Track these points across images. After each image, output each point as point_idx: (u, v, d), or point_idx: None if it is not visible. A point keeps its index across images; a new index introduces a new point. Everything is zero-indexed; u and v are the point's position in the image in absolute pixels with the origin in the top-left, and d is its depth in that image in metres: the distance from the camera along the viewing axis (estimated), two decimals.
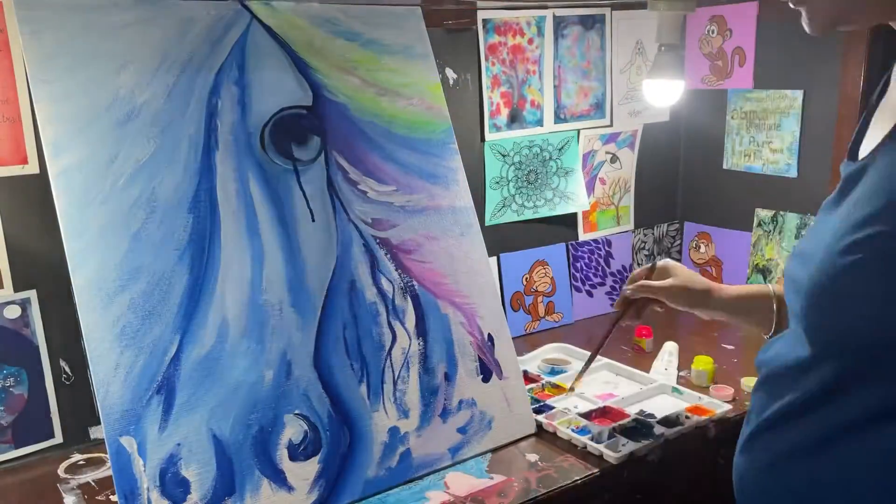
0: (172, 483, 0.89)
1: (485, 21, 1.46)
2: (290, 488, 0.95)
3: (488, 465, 1.07)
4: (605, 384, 1.33)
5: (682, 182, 1.84)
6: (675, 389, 1.28)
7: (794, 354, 0.68)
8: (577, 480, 1.03)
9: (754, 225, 1.68)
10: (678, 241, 1.86)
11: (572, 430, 1.13)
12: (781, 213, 1.62)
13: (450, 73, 1.44)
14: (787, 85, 1.57)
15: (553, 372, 1.37)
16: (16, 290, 1.09)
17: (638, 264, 1.78)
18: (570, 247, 1.68)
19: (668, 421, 1.15)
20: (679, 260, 1.85)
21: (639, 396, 1.26)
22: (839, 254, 0.62)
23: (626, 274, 1.76)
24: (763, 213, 1.66)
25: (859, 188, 0.66)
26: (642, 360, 1.43)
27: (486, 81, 1.48)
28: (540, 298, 1.62)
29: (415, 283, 1.12)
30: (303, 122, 1.09)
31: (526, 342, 1.52)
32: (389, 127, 1.16)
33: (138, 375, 0.90)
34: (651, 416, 1.17)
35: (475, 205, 1.23)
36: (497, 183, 1.53)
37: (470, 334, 1.15)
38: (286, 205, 1.04)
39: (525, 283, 1.60)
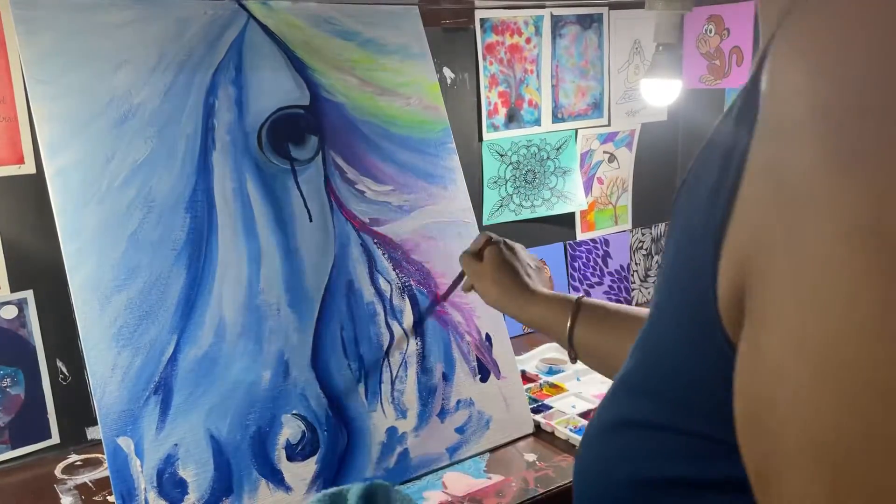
0: (170, 483, 0.89)
1: (482, 20, 1.45)
2: (287, 488, 0.95)
3: (486, 465, 1.07)
4: (603, 384, 1.33)
5: (680, 182, 1.83)
6: None
7: None
8: None
9: None
10: None
11: (570, 430, 1.13)
12: None
13: (447, 73, 1.44)
14: None
15: (551, 371, 1.37)
16: (12, 290, 1.09)
17: (636, 264, 1.78)
18: (567, 246, 1.68)
19: None
20: None
21: None
22: None
23: (624, 273, 1.77)
24: None
25: None
26: None
27: (483, 81, 1.48)
28: None
29: (412, 283, 1.12)
30: (300, 121, 1.08)
31: (524, 342, 1.52)
32: (387, 127, 1.16)
33: (135, 376, 0.90)
34: None
35: (473, 204, 1.23)
36: (495, 182, 1.53)
37: (468, 334, 1.15)
38: (283, 204, 1.04)
39: None
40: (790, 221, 0.29)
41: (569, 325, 0.86)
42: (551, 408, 1.20)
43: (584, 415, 1.18)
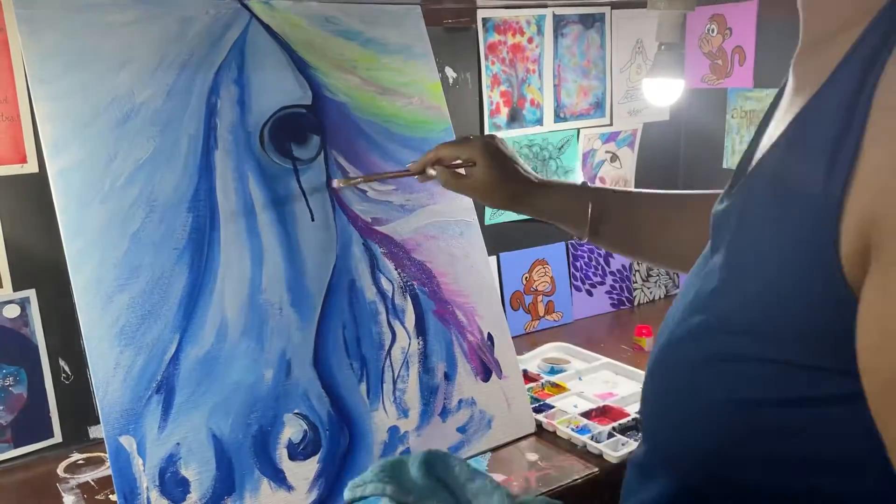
0: (172, 482, 0.89)
1: (484, 20, 1.45)
2: (289, 487, 0.95)
3: (488, 465, 1.07)
4: (605, 383, 1.33)
5: (682, 181, 1.83)
6: None
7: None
8: (577, 479, 1.03)
9: None
10: None
11: (572, 430, 1.13)
12: None
13: (449, 72, 1.44)
14: None
15: (553, 371, 1.37)
16: (15, 289, 1.09)
17: (638, 264, 1.78)
18: (569, 246, 1.68)
19: None
20: None
21: (639, 395, 1.26)
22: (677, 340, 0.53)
23: (626, 273, 1.76)
24: None
25: (727, 237, 0.52)
26: (642, 358, 1.43)
27: (485, 80, 1.48)
28: (539, 298, 1.62)
29: (414, 282, 1.12)
30: (302, 121, 1.08)
31: (526, 341, 1.52)
32: (389, 126, 1.16)
33: (138, 375, 0.90)
34: None
35: (475, 204, 1.23)
36: None
37: (470, 334, 1.15)
38: (286, 204, 1.04)
39: (525, 282, 1.60)
40: None
41: (590, 212, 0.91)
42: (553, 407, 1.20)
43: (585, 414, 1.18)
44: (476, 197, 0.97)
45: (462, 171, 0.97)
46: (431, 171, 0.98)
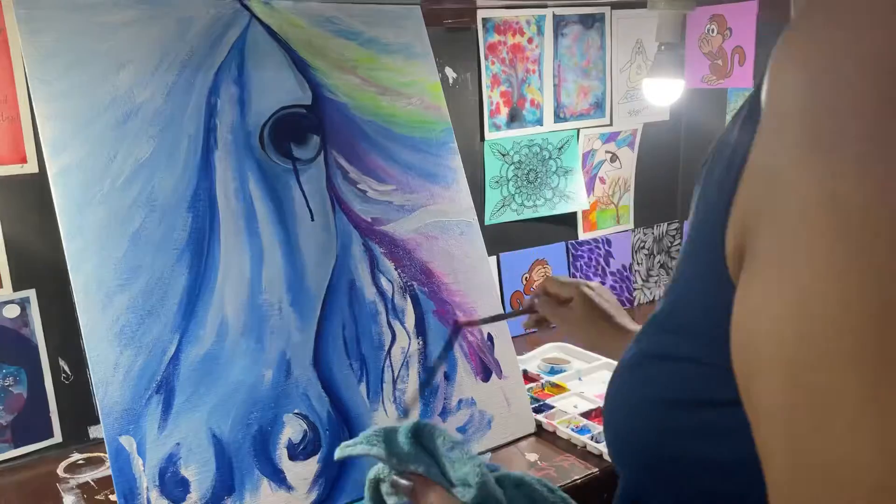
0: (172, 482, 0.89)
1: (484, 20, 1.45)
2: (289, 488, 0.95)
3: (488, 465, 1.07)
4: (605, 383, 1.33)
5: (682, 181, 1.84)
6: None
7: None
8: (577, 480, 1.03)
9: None
10: (678, 241, 1.86)
11: (572, 430, 1.13)
12: None
13: (449, 73, 1.44)
14: None
15: (553, 371, 1.37)
16: (15, 289, 1.09)
17: (638, 263, 1.78)
18: (569, 246, 1.68)
19: None
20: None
21: None
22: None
23: (626, 273, 1.76)
24: None
25: None
26: None
27: (485, 80, 1.48)
28: None
29: (414, 282, 1.12)
30: (302, 121, 1.08)
31: (525, 341, 1.52)
32: (389, 126, 1.16)
33: (137, 375, 0.90)
34: None
35: (475, 204, 1.23)
36: (496, 182, 1.53)
37: (470, 333, 1.15)
38: (285, 204, 1.04)
39: (525, 282, 1.60)
40: (774, 193, 0.37)
41: None
42: (553, 407, 1.20)
43: (585, 414, 1.17)
44: (566, 331, 1.03)
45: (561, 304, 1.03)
46: (536, 300, 1.05)
